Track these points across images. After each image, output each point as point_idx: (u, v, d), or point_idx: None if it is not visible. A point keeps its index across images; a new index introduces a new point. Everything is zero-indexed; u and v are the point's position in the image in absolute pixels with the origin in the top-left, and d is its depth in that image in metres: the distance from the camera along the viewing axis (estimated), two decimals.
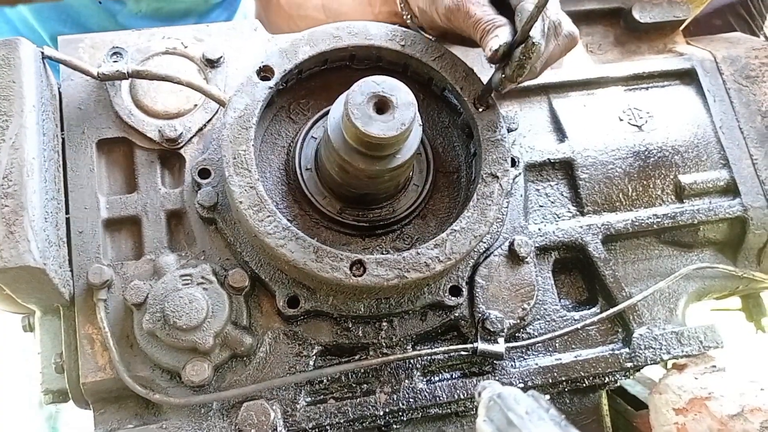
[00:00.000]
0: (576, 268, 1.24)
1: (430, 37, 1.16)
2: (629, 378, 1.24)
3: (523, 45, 0.95)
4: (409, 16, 1.19)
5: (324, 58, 1.10)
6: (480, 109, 1.08)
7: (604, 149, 1.25)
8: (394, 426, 1.11)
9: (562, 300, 1.20)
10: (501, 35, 0.96)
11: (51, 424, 2.63)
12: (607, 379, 1.17)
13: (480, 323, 1.09)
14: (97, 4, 1.58)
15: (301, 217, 1.09)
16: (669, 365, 1.23)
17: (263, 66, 1.05)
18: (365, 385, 1.10)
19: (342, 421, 1.06)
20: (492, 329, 1.08)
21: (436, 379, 1.13)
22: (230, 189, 0.98)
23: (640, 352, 1.16)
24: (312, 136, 1.12)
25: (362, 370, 1.09)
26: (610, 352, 1.16)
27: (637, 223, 1.22)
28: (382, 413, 1.07)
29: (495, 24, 0.98)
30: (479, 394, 0.71)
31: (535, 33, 0.94)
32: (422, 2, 1.11)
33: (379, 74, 0.95)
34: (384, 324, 1.09)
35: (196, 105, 1.15)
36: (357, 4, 1.47)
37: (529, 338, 1.14)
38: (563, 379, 1.13)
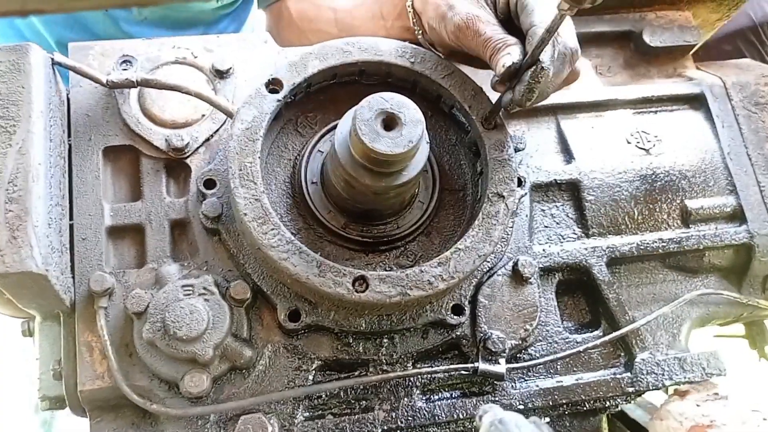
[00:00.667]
0: (579, 291, 1.23)
1: (440, 55, 1.16)
2: (630, 402, 1.23)
3: (532, 69, 0.95)
4: (420, 32, 1.20)
5: (333, 73, 1.10)
6: (488, 128, 1.07)
7: (611, 172, 1.24)
8: None
9: (564, 322, 1.20)
10: (513, 53, 0.96)
11: (46, 430, 2.61)
12: (608, 403, 1.16)
13: (481, 343, 1.08)
14: (103, 11, 1.58)
15: (305, 230, 1.08)
16: (670, 391, 1.22)
17: (272, 79, 1.05)
18: (364, 402, 1.09)
19: None
20: (493, 349, 1.07)
21: (436, 397, 1.12)
22: (235, 201, 0.98)
23: (642, 377, 1.15)
24: (319, 150, 1.12)
25: (361, 387, 1.08)
26: (612, 376, 1.15)
27: (642, 247, 1.21)
28: (380, 431, 1.06)
29: (506, 42, 0.99)
30: (480, 418, 0.70)
31: (545, 57, 0.94)
32: (432, 19, 1.11)
33: (388, 90, 0.95)
34: (385, 341, 1.08)
35: (203, 115, 1.15)
36: (370, 19, 1.47)
37: (530, 359, 1.13)
38: (564, 401, 1.13)
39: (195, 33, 1.71)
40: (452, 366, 1.09)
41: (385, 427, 1.06)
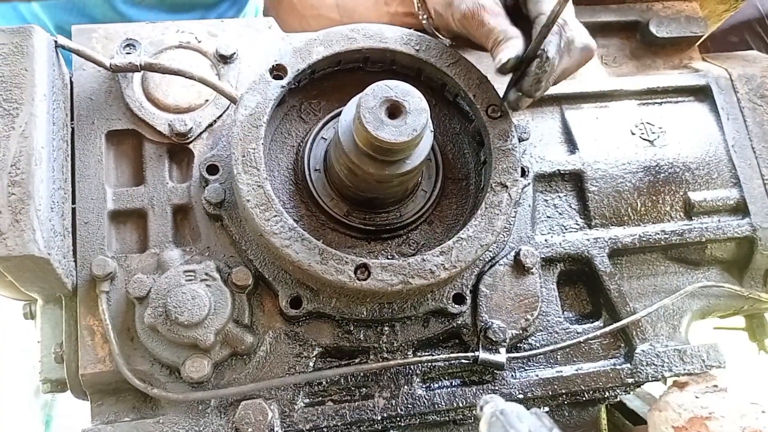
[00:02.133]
0: (581, 281, 1.23)
1: (445, 39, 1.15)
2: (629, 393, 1.24)
3: (537, 59, 0.94)
4: (425, 17, 1.19)
5: (338, 59, 1.09)
6: (493, 117, 1.07)
7: (614, 163, 1.24)
8: (392, 431, 1.10)
9: (565, 312, 1.20)
10: (512, 47, 0.96)
11: (46, 412, 2.62)
12: (607, 393, 1.17)
13: (482, 332, 1.08)
14: None
15: (307, 217, 1.08)
16: (669, 382, 1.22)
17: (276, 65, 1.04)
18: (364, 389, 1.10)
19: (339, 424, 1.06)
20: (494, 339, 1.07)
21: (436, 386, 1.12)
22: (238, 187, 0.98)
23: (642, 368, 1.15)
24: (322, 137, 1.11)
25: (362, 374, 1.08)
26: (612, 366, 1.15)
27: (644, 239, 1.21)
28: (380, 418, 1.07)
29: (507, 36, 0.98)
30: (481, 408, 0.71)
31: (550, 48, 0.94)
32: (438, 5, 1.10)
33: (392, 78, 0.95)
34: (386, 328, 1.08)
35: (207, 100, 1.14)
36: (372, 4, 1.46)
37: (530, 349, 1.14)
38: (563, 391, 1.13)
39: (194, 16, 1.70)
40: (453, 354, 1.09)
41: (385, 415, 1.07)
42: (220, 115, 1.14)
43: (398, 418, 1.08)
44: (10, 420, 2.53)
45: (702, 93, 1.34)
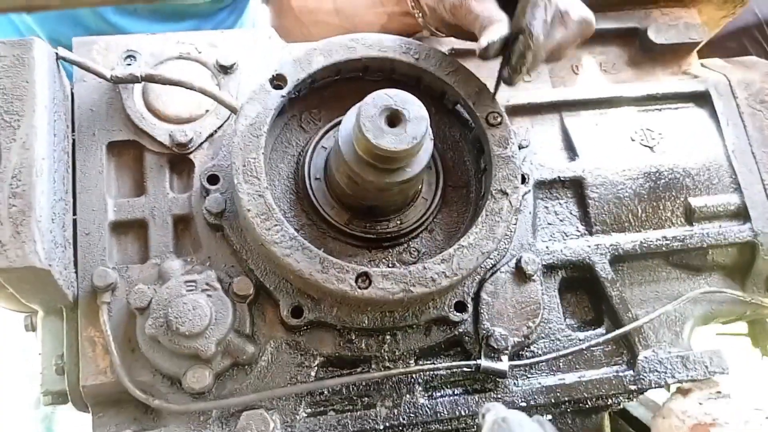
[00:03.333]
0: (582, 288, 1.23)
1: (441, 35, 1.16)
2: (632, 400, 1.23)
3: (521, 35, 0.95)
4: (419, 15, 1.20)
5: (337, 69, 1.10)
6: (492, 123, 1.07)
7: (614, 169, 1.24)
8: None
9: (567, 319, 1.19)
10: (494, 31, 0.97)
11: (46, 425, 2.61)
12: (610, 401, 1.16)
13: (484, 340, 1.08)
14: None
15: (308, 226, 1.08)
16: (673, 389, 1.22)
17: (276, 74, 1.05)
18: (366, 399, 1.09)
19: None
20: (496, 346, 1.07)
21: (438, 394, 1.12)
22: (238, 196, 0.98)
23: (645, 375, 1.15)
24: (322, 146, 1.11)
25: (364, 383, 1.08)
26: (615, 374, 1.15)
27: (645, 245, 1.21)
28: (382, 427, 1.06)
29: (492, 20, 0.99)
30: (483, 417, 0.70)
31: (535, 23, 0.95)
32: (430, 0, 1.11)
33: (392, 87, 0.95)
34: (387, 337, 1.08)
35: (207, 111, 1.15)
36: (369, 6, 1.46)
37: (532, 357, 1.13)
38: (566, 399, 1.12)
39: (188, 26, 1.70)
40: (455, 363, 1.09)
41: (387, 424, 1.06)
42: (221, 125, 1.14)
43: (400, 428, 1.07)
44: None
45: (701, 99, 1.34)
